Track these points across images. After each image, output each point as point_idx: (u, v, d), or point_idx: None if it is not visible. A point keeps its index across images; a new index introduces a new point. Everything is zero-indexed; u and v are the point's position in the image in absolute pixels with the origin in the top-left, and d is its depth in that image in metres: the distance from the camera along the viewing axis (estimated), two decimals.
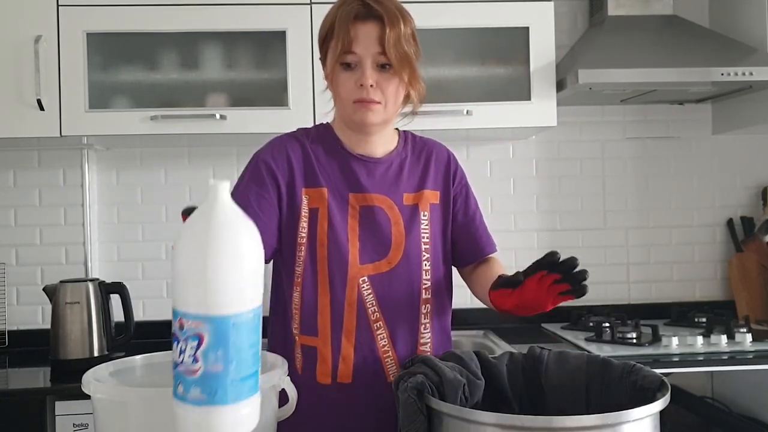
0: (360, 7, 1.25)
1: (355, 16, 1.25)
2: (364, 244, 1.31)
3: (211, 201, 0.81)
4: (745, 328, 2.20)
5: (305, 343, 1.30)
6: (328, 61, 1.31)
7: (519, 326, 2.55)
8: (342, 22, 1.25)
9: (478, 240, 1.44)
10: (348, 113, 1.31)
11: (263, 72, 2.28)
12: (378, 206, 1.33)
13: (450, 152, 1.45)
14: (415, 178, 1.38)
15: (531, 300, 1.12)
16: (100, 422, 1.01)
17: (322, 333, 1.29)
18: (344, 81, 1.28)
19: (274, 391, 1.09)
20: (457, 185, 1.42)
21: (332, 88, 1.33)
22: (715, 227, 2.69)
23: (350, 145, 1.36)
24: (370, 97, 1.26)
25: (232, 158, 2.57)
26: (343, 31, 1.24)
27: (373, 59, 1.25)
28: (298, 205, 1.31)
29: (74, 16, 2.14)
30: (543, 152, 2.65)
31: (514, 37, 2.27)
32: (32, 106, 2.12)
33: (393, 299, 1.31)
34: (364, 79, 1.25)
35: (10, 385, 2.07)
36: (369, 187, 1.33)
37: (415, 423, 1.02)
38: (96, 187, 2.54)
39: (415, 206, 1.36)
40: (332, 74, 1.29)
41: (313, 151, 1.35)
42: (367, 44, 1.24)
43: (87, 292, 2.17)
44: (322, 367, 1.29)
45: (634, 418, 0.93)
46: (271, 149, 1.35)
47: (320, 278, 1.30)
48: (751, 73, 2.17)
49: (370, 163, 1.35)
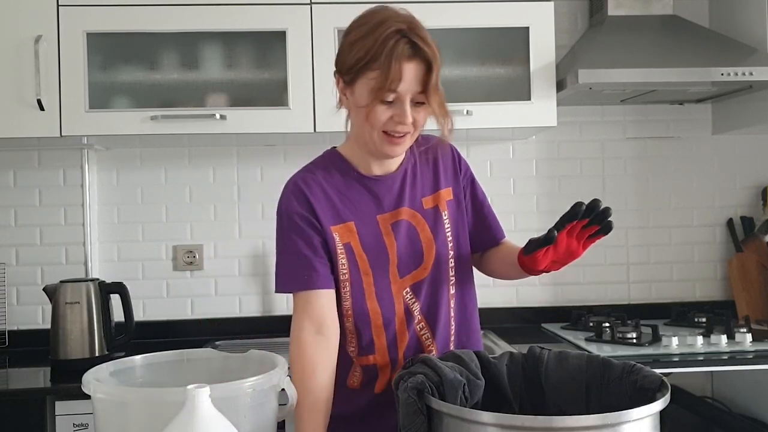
0: (408, 47, 1.21)
1: (405, 56, 1.21)
2: (401, 258, 1.34)
3: (190, 409, 0.80)
4: (745, 328, 2.20)
5: (364, 363, 1.35)
6: (358, 87, 1.26)
7: (519, 326, 2.56)
8: (390, 59, 1.20)
9: (489, 227, 1.46)
10: (373, 141, 1.28)
11: (263, 72, 2.28)
12: (404, 219, 1.36)
13: (452, 146, 1.45)
14: (428, 180, 1.40)
15: (564, 251, 1.23)
16: (100, 422, 1.02)
17: (380, 351, 1.34)
18: (380, 113, 1.24)
19: (274, 391, 1.09)
20: (463, 177, 1.44)
21: (357, 114, 1.29)
22: (714, 227, 2.69)
23: (365, 167, 1.36)
24: (401, 132, 1.27)
25: (232, 158, 2.57)
26: (394, 70, 1.19)
27: (412, 97, 1.24)
28: (332, 244, 1.32)
29: (74, 16, 2.14)
30: (543, 152, 2.65)
31: (514, 37, 2.27)
32: (32, 106, 2.12)
33: (431, 301, 1.36)
34: (405, 118, 1.24)
35: (10, 385, 2.07)
36: (392, 203, 1.35)
37: (415, 423, 1.02)
38: (96, 187, 2.54)
39: (436, 208, 1.38)
40: (365, 104, 1.25)
41: (330, 185, 1.34)
42: (410, 84, 1.22)
43: (87, 292, 2.17)
44: (382, 379, 1.35)
45: (634, 418, 0.93)
46: (295, 199, 1.33)
47: (370, 306, 1.33)
48: (751, 73, 2.17)
49: (388, 180, 1.36)
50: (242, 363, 1.21)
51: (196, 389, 0.82)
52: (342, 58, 1.28)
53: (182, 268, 2.55)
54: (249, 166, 2.57)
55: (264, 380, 1.04)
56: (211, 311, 2.55)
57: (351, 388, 1.36)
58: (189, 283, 2.55)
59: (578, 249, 1.23)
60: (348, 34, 1.28)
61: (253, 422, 1.03)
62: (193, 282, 2.56)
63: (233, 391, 1.00)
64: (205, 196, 2.57)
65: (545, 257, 1.23)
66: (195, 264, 2.55)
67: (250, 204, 2.57)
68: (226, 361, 1.24)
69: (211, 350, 1.32)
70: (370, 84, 1.22)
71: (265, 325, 2.53)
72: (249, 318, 2.55)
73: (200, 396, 0.82)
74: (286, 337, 1.49)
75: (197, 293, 2.55)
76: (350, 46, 1.25)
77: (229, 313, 2.55)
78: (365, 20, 1.26)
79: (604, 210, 1.16)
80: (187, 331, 2.52)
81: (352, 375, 1.36)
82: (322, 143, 2.56)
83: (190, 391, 0.82)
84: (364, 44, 1.23)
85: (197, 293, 2.55)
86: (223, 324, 2.53)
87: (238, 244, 2.57)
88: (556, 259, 1.24)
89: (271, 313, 2.55)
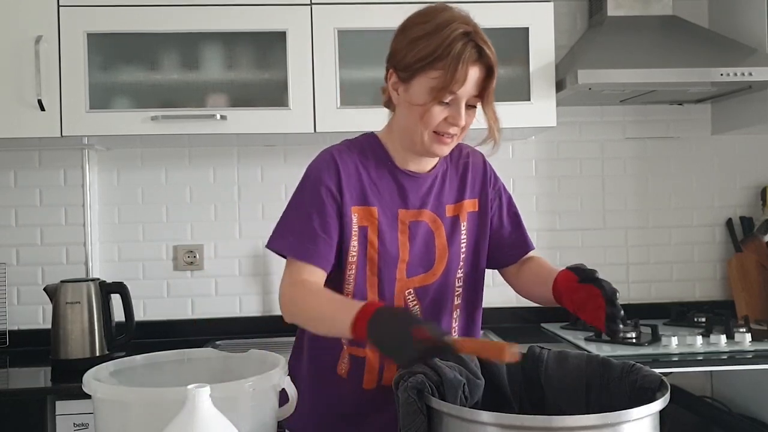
0: (474, 51, 1.22)
1: (471, 60, 1.22)
2: (412, 259, 1.34)
3: (190, 408, 0.80)
4: (745, 328, 2.20)
5: (355, 353, 1.34)
6: (415, 85, 1.25)
7: (519, 326, 2.56)
8: (458, 62, 1.20)
9: (520, 239, 1.47)
10: (422, 139, 1.28)
11: (263, 72, 2.28)
12: (424, 221, 1.36)
13: (484, 157, 1.47)
14: (454, 188, 1.41)
15: (584, 301, 1.21)
16: (100, 422, 1.02)
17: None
18: (437, 113, 1.25)
19: (274, 391, 1.09)
20: (492, 189, 1.44)
21: (410, 111, 1.28)
22: (714, 227, 2.70)
23: (401, 161, 1.36)
24: (452, 134, 1.28)
25: (232, 158, 2.57)
26: (460, 72, 1.20)
27: (467, 100, 1.25)
28: (348, 224, 1.31)
29: (75, 16, 2.14)
30: (543, 152, 2.65)
31: (513, 37, 2.27)
32: (33, 107, 2.12)
33: (434, 308, 1.36)
34: (459, 120, 1.25)
35: (10, 385, 2.08)
36: (417, 202, 1.35)
37: (415, 423, 1.03)
38: (96, 187, 2.54)
39: (456, 217, 1.39)
40: (422, 102, 1.25)
41: (364, 167, 1.34)
42: (469, 87, 1.23)
43: (88, 292, 2.18)
44: (370, 375, 1.34)
45: (634, 418, 0.93)
46: (326, 169, 1.32)
47: (370, 295, 1.33)
48: (750, 73, 2.17)
49: (420, 179, 1.36)
50: (242, 363, 1.21)
51: (196, 389, 0.82)
52: (400, 55, 1.27)
53: (182, 268, 2.55)
54: (249, 167, 2.57)
55: (264, 380, 1.04)
56: (211, 311, 2.55)
57: (339, 375, 1.35)
58: (189, 283, 2.56)
59: (587, 311, 1.23)
60: (407, 30, 1.27)
61: (253, 422, 1.03)
62: (193, 282, 2.56)
63: (233, 391, 1.00)
64: (205, 196, 2.57)
65: (578, 294, 1.23)
66: (195, 264, 2.55)
67: (250, 204, 2.57)
68: (226, 361, 1.24)
69: (211, 350, 1.32)
70: (430, 83, 1.23)
71: (265, 325, 2.53)
72: (249, 318, 2.55)
73: (200, 396, 0.82)
74: (286, 337, 1.50)
75: (197, 293, 2.56)
76: (412, 43, 1.24)
77: (229, 313, 2.56)
78: (427, 18, 1.25)
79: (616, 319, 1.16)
80: (187, 331, 2.52)
81: (340, 363, 1.35)
82: (322, 143, 2.56)
83: (190, 391, 0.82)
84: (429, 43, 1.22)
85: (197, 293, 2.56)
86: (223, 324, 2.54)
87: (239, 244, 2.57)
88: (575, 308, 1.26)
89: (271, 313, 2.55)
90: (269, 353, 1.20)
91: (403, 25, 1.29)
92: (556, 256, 2.59)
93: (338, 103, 2.19)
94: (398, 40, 1.28)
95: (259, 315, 2.56)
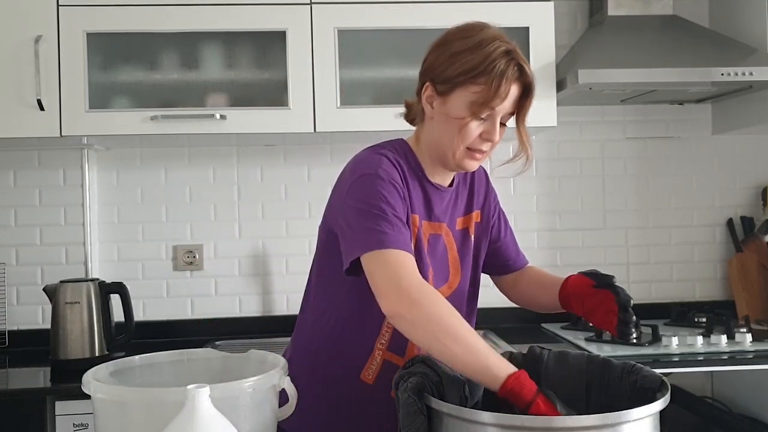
0: (516, 70, 1.23)
1: (513, 78, 1.23)
2: (435, 272, 1.34)
3: (190, 409, 0.79)
4: (745, 328, 2.20)
5: (390, 359, 1.31)
6: (454, 98, 1.25)
7: (519, 326, 2.55)
8: (502, 78, 1.21)
9: (515, 250, 1.52)
10: (454, 153, 1.28)
11: (263, 72, 2.27)
12: (441, 234, 1.36)
13: (484, 169, 1.49)
14: (464, 201, 1.42)
15: (595, 306, 1.29)
16: (100, 422, 1.02)
17: (409, 355, 1.29)
18: (474, 129, 1.25)
19: (274, 391, 1.09)
20: (492, 201, 1.47)
21: (447, 124, 1.26)
22: (714, 227, 2.69)
23: (429, 172, 1.35)
24: (483, 150, 1.28)
25: (232, 158, 2.57)
26: (503, 89, 1.21)
27: (502, 117, 1.27)
28: (410, 225, 1.30)
29: (74, 16, 2.14)
30: (543, 152, 2.65)
31: (514, 37, 2.21)
32: (32, 106, 2.12)
33: None
34: (494, 136, 1.26)
35: (10, 385, 2.07)
36: (438, 215, 1.36)
37: (415, 423, 1.02)
38: (96, 187, 2.54)
39: (466, 230, 1.41)
40: (460, 116, 1.24)
41: (406, 173, 1.31)
42: (507, 104, 1.25)
43: (87, 292, 2.17)
44: None
45: (634, 418, 0.93)
46: (394, 168, 1.27)
47: None
48: (751, 73, 2.17)
49: (444, 193, 1.37)
50: (242, 363, 1.20)
51: (196, 389, 0.82)
52: (440, 68, 1.26)
53: (182, 268, 2.55)
54: (249, 166, 2.57)
55: (264, 380, 1.04)
56: (211, 311, 2.55)
57: (364, 381, 1.31)
58: (189, 283, 2.55)
59: (597, 316, 1.31)
60: (447, 44, 1.27)
61: (253, 422, 1.03)
62: (193, 282, 2.56)
63: (233, 391, 1.00)
64: (205, 196, 2.57)
65: (592, 299, 1.30)
66: (195, 264, 2.55)
67: (250, 204, 2.57)
68: (226, 361, 1.24)
69: (211, 350, 1.32)
70: (470, 97, 1.23)
71: (265, 325, 2.52)
72: (249, 318, 2.55)
73: (200, 396, 0.82)
74: (287, 337, 1.49)
75: (197, 293, 2.55)
76: (453, 56, 1.25)
77: (229, 313, 2.55)
78: (469, 33, 1.27)
79: (629, 325, 1.28)
80: (187, 331, 2.52)
81: (368, 366, 1.31)
82: (322, 143, 2.58)
83: (190, 391, 0.82)
84: (473, 58, 1.23)
85: (197, 293, 2.55)
86: (223, 324, 2.53)
87: (238, 244, 2.57)
88: (584, 312, 1.31)
89: (271, 313, 2.55)
90: (269, 353, 1.19)
91: (442, 39, 1.29)
92: (556, 256, 2.59)
93: (338, 103, 2.19)
94: (437, 54, 1.28)
95: (258, 315, 2.56)
